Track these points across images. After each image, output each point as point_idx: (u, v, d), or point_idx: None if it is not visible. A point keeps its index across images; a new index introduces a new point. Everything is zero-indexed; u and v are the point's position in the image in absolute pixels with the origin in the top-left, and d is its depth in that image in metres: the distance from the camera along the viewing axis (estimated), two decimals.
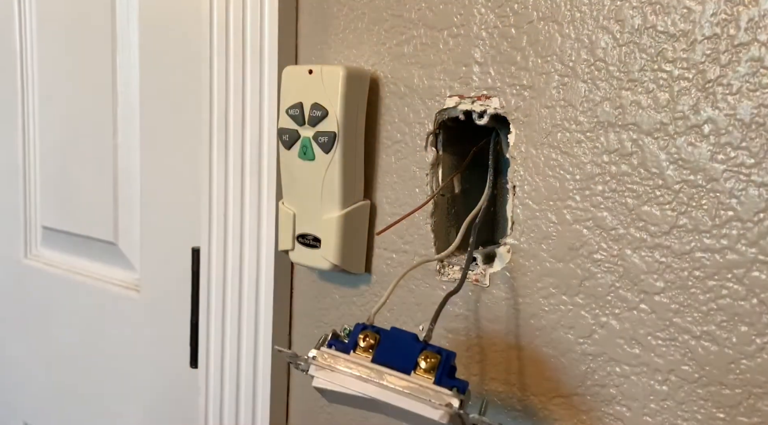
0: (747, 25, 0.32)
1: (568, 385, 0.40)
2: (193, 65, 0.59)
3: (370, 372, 0.34)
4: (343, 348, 0.35)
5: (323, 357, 0.35)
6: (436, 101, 0.44)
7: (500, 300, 0.42)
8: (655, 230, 0.36)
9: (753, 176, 0.33)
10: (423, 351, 0.34)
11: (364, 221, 0.48)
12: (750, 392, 0.34)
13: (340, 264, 0.47)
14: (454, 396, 0.33)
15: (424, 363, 0.34)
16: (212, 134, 0.55)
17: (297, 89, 0.46)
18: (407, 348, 0.35)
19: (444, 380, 0.34)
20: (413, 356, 0.34)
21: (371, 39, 0.47)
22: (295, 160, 0.47)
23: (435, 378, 0.34)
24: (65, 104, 0.74)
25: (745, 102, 0.33)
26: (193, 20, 0.59)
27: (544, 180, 0.40)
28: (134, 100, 0.67)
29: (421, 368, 0.34)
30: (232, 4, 0.52)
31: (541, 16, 0.39)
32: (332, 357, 0.35)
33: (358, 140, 0.46)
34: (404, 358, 0.34)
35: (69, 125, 0.74)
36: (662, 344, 0.36)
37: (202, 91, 0.55)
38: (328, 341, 0.36)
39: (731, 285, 0.34)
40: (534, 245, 0.40)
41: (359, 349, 0.35)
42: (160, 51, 0.64)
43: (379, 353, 0.35)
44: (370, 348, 0.35)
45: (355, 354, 0.35)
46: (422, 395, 0.33)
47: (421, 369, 0.34)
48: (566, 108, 0.38)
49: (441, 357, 0.34)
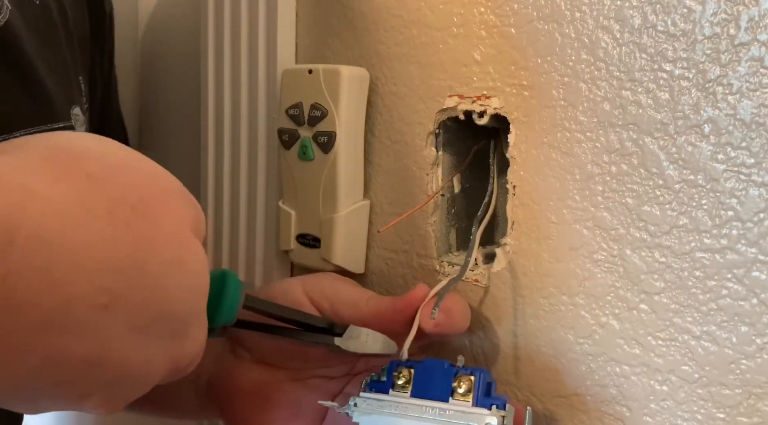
0: (747, 25, 0.32)
1: (568, 385, 0.40)
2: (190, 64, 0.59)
3: (411, 408, 0.35)
4: (383, 388, 0.36)
5: (365, 402, 0.36)
6: (436, 101, 0.44)
7: (500, 300, 0.42)
8: (655, 230, 0.36)
9: (753, 176, 0.33)
10: (457, 375, 0.35)
11: (364, 221, 0.48)
12: (750, 392, 0.34)
13: (340, 264, 0.47)
14: (493, 415, 0.34)
15: (461, 387, 0.35)
16: (207, 133, 0.54)
17: (296, 89, 0.46)
18: (441, 376, 0.36)
19: (481, 400, 0.35)
20: (448, 383, 0.35)
21: (371, 39, 0.47)
22: (295, 160, 0.47)
23: (473, 399, 0.35)
24: None
25: (745, 102, 0.33)
26: (192, 18, 0.59)
27: (544, 180, 0.39)
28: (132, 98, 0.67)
29: (458, 393, 0.35)
30: (230, 3, 0.52)
31: (541, 16, 0.39)
32: (374, 400, 0.36)
33: (358, 140, 0.46)
34: (440, 387, 0.35)
35: None
36: (662, 344, 0.36)
37: (200, 91, 0.55)
38: (368, 384, 0.37)
39: (731, 285, 0.34)
40: (534, 245, 0.40)
41: (397, 387, 0.36)
42: (160, 49, 0.64)
43: (415, 387, 0.36)
44: (407, 383, 0.36)
45: (395, 391, 0.36)
46: (462, 420, 0.34)
47: (459, 393, 0.35)
48: (566, 108, 0.38)
49: (475, 377, 0.35)
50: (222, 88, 0.53)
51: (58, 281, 0.23)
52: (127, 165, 0.27)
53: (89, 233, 0.24)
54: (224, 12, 0.52)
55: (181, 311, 0.28)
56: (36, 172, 0.24)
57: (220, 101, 0.53)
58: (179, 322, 0.28)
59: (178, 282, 0.27)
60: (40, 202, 0.23)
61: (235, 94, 0.53)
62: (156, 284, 0.26)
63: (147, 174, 0.28)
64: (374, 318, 0.38)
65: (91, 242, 0.24)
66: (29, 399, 0.26)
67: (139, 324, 0.26)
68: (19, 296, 0.22)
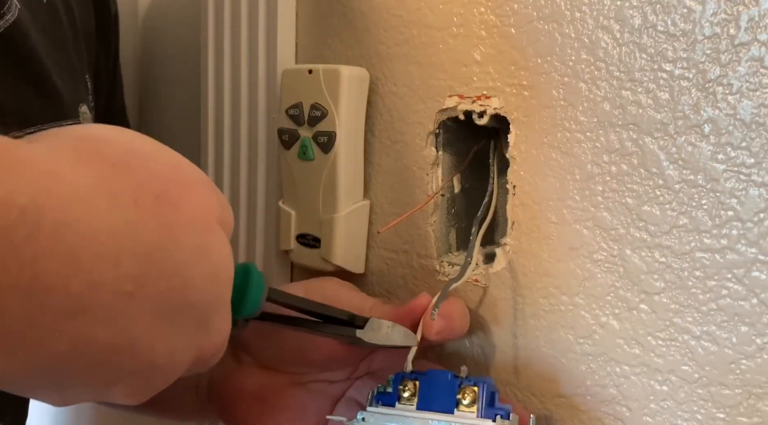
0: (747, 25, 0.32)
1: (568, 385, 0.40)
2: (190, 64, 0.59)
3: (418, 422, 0.35)
4: (389, 401, 0.37)
5: (373, 416, 0.36)
6: (436, 101, 0.44)
7: (500, 300, 0.42)
8: (655, 230, 0.36)
9: (753, 176, 0.33)
10: (461, 386, 0.36)
11: (364, 221, 0.48)
12: (750, 392, 0.34)
13: (340, 264, 0.47)
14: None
15: (465, 398, 0.35)
16: (207, 133, 0.54)
17: (296, 89, 0.46)
18: (446, 388, 0.36)
19: (486, 410, 0.35)
20: (453, 394, 0.35)
21: (371, 39, 0.47)
22: (295, 160, 0.47)
23: (477, 410, 0.35)
24: None
25: (745, 102, 0.33)
26: (192, 18, 0.59)
27: (544, 180, 0.39)
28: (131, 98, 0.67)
29: (463, 404, 0.35)
30: (230, 3, 0.52)
31: (541, 16, 0.39)
32: (381, 414, 0.36)
33: (358, 140, 0.46)
34: (445, 398, 0.36)
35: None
36: (662, 344, 0.36)
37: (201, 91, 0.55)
38: (375, 397, 0.37)
39: (731, 285, 0.34)
40: (534, 245, 0.40)
41: (403, 399, 0.36)
42: (159, 49, 0.64)
43: (421, 399, 0.36)
44: (413, 396, 0.36)
45: (401, 404, 0.36)
46: None
47: (464, 405, 0.35)
48: (566, 108, 0.38)
49: (479, 388, 0.35)
50: (222, 88, 0.53)
51: (83, 267, 0.23)
52: (151, 155, 0.28)
53: (113, 219, 0.24)
54: (224, 12, 0.52)
55: (206, 300, 0.28)
56: (63, 159, 0.24)
57: (220, 101, 0.53)
58: (203, 312, 0.28)
59: (202, 271, 0.27)
60: (66, 187, 0.23)
61: (235, 94, 0.53)
62: (180, 272, 0.26)
63: (171, 164, 0.28)
64: None
65: (115, 229, 0.24)
66: (57, 385, 0.26)
67: (164, 312, 0.26)
68: (47, 280, 0.22)
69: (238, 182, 0.53)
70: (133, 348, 0.26)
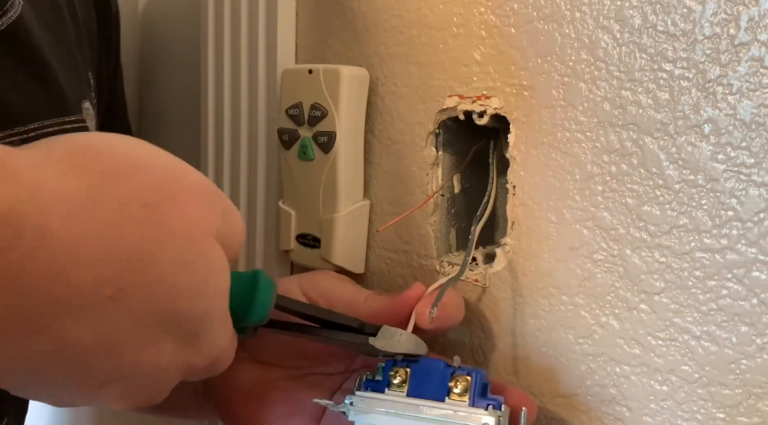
0: (747, 25, 0.32)
1: (568, 385, 0.40)
2: (190, 64, 0.59)
3: (407, 407, 0.35)
4: (378, 387, 0.36)
5: (361, 400, 0.36)
6: (435, 101, 0.44)
7: (500, 300, 0.42)
8: (655, 230, 0.36)
9: (753, 176, 0.33)
10: (453, 375, 0.35)
11: (364, 221, 0.48)
12: (750, 392, 0.34)
13: (340, 264, 0.47)
14: (490, 415, 0.34)
15: (457, 387, 0.35)
16: (207, 133, 0.54)
17: (296, 89, 0.46)
18: (438, 376, 0.36)
19: (478, 400, 0.35)
20: (445, 382, 0.35)
21: (371, 39, 0.47)
22: (295, 160, 0.47)
23: (469, 399, 0.35)
24: None
25: (745, 102, 0.33)
26: (192, 18, 0.59)
27: (544, 180, 0.39)
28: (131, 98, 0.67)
29: (454, 392, 0.35)
30: (230, 3, 0.52)
31: (541, 16, 0.39)
32: (370, 399, 0.36)
33: (358, 140, 0.46)
34: (437, 386, 0.36)
35: None
36: (662, 344, 0.36)
37: (200, 91, 0.55)
38: (363, 383, 0.37)
39: (731, 285, 0.34)
40: (534, 245, 0.40)
41: (393, 386, 0.36)
42: (159, 49, 0.64)
43: (412, 386, 0.36)
44: (403, 383, 0.36)
45: (391, 390, 0.36)
46: (458, 420, 0.34)
47: (455, 393, 0.35)
48: (566, 108, 0.38)
49: (472, 377, 0.35)
50: (222, 88, 0.53)
51: (63, 270, 0.24)
52: (146, 166, 0.28)
53: (95, 225, 0.25)
54: (224, 12, 0.52)
55: (193, 312, 0.28)
56: (53, 167, 0.25)
57: (220, 101, 0.53)
58: (191, 323, 0.28)
59: (186, 283, 0.27)
60: (47, 194, 0.24)
61: (235, 94, 0.53)
62: (163, 282, 0.26)
63: (166, 175, 0.28)
64: (371, 317, 0.38)
65: (95, 234, 0.25)
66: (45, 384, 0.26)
67: (149, 320, 0.26)
68: (29, 281, 0.23)
69: (238, 182, 0.53)
70: (117, 352, 0.26)
